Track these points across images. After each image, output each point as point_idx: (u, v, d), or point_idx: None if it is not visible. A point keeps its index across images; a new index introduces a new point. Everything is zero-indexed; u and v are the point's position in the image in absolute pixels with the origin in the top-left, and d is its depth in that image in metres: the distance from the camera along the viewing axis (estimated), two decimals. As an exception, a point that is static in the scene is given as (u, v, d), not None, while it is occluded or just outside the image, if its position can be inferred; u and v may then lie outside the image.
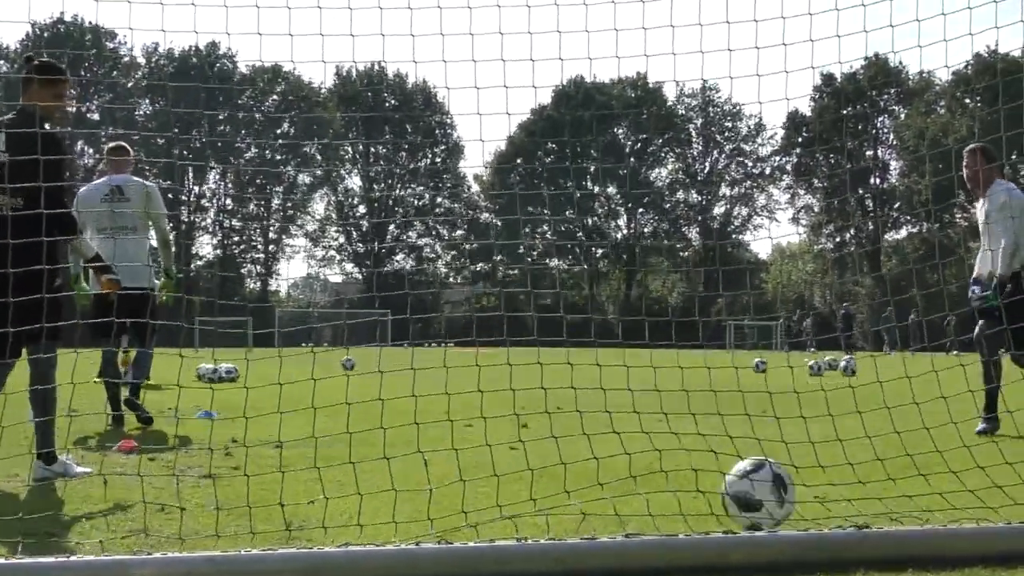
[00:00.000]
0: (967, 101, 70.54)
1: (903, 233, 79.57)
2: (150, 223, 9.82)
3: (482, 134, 8.30)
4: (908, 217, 77.41)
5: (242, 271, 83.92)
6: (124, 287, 8.76)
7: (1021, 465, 5.65)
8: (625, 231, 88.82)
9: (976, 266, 9.61)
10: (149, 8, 5.54)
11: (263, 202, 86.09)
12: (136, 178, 9.82)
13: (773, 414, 5.82)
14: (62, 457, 6.45)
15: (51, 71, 6.53)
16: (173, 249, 10.21)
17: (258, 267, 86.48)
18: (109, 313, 8.31)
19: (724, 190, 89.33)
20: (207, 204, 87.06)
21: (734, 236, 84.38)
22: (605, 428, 5.54)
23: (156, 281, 9.84)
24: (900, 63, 74.03)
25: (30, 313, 5.75)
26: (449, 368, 5.38)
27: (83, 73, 77.28)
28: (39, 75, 6.45)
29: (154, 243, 10.15)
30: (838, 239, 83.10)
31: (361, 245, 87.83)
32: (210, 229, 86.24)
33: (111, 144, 10.07)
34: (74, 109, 75.36)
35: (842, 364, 22.48)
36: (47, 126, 6.30)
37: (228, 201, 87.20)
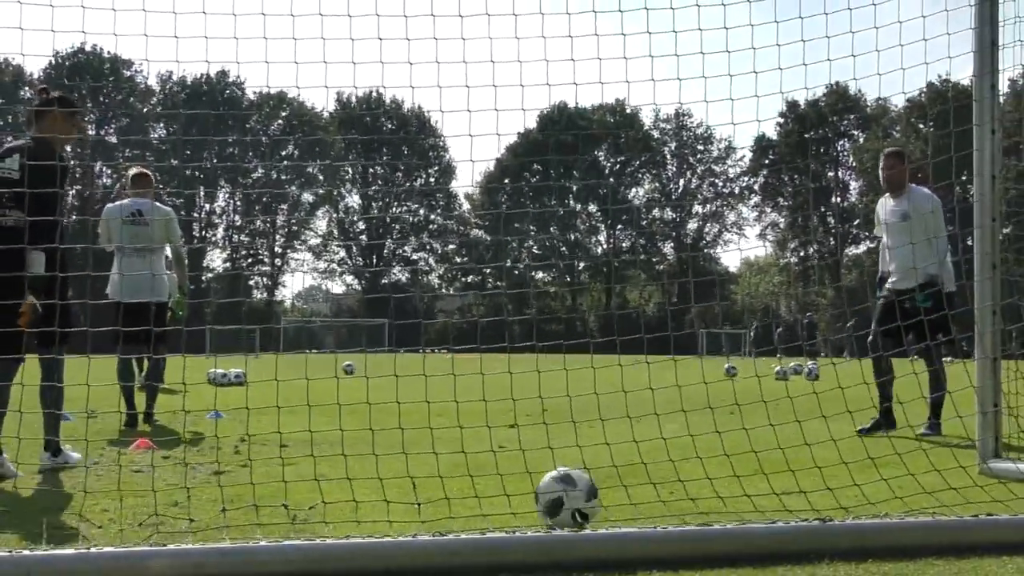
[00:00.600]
0: (920, 126, 70.84)
1: (862, 248, 79.96)
2: (167, 244, 9.89)
3: (472, 155, 8.42)
4: (867, 233, 77.78)
5: (249, 283, 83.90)
6: (138, 301, 9.06)
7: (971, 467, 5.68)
8: (605, 246, 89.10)
9: (881, 266, 9.53)
10: (164, 39, 5.54)
11: (269, 218, 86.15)
12: (157, 204, 9.92)
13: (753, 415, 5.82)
14: (64, 448, 6.57)
15: (65, 105, 6.65)
16: (186, 266, 10.27)
17: (264, 279, 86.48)
18: (130, 323, 8.49)
19: (696, 208, 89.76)
20: (217, 221, 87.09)
21: (706, 250, 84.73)
22: (589, 428, 5.55)
23: (174, 295, 9.94)
24: (859, 91, 74.45)
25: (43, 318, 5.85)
26: (443, 374, 5.38)
27: (102, 99, 77.22)
28: (53, 107, 6.58)
29: (169, 254, 10.19)
30: (802, 253, 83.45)
31: (360, 259, 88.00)
32: (220, 244, 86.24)
33: (135, 171, 10.11)
34: (92, 133, 75.41)
35: (807, 369, 22.53)
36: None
37: (237, 218, 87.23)
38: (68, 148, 6.91)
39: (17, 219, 6.09)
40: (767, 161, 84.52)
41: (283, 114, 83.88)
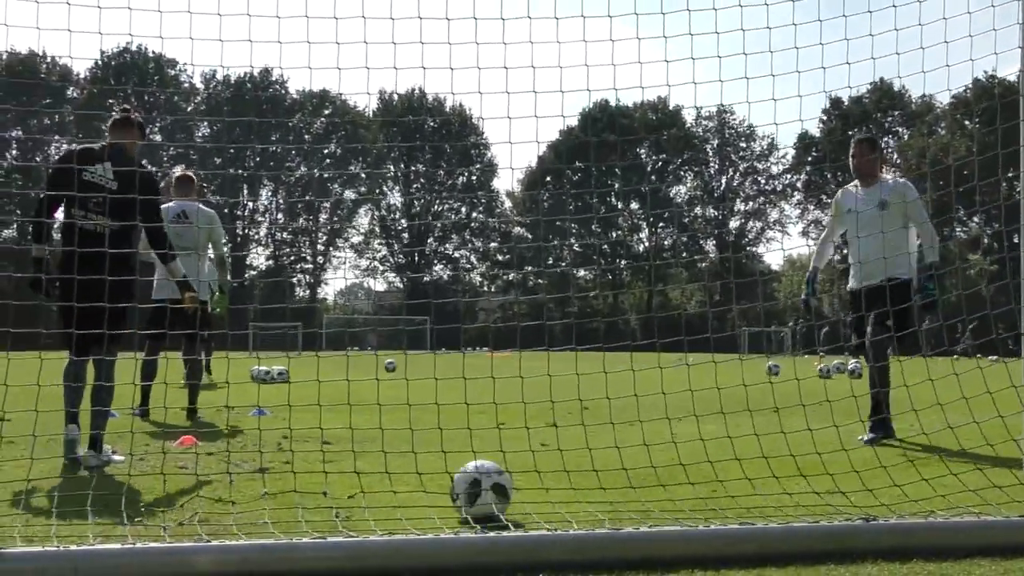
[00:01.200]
0: (966, 123, 70.07)
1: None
2: (210, 244, 10.02)
3: (512, 162, 8.46)
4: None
5: (292, 280, 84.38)
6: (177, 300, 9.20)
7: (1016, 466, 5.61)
8: (647, 244, 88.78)
9: (815, 261, 9.23)
10: (209, 41, 5.58)
11: (312, 217, 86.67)
12: (201, 205, 10.06)
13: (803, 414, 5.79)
14: (105, 447, 6.67)
15: (142, 128, 7.29)
16: (229, 266, 10.39)
17: (307, 276, 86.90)
18: (163, 322, 9.05)
19: (739, 206, 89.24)
20: (260, 218, 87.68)
21: (748, 248, 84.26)
22: (629, 428, 5.53)
23: (212, 295, 9.99)
24: (904, 87, 73.85)
25: (102, 320, 6.15)
26: (482, 375, 5.39)
27: (146, 98, 77.86)
28: (137, 123, 7.15)
29: (211, 254, 10.28)
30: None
31: (402, 256, 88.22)
32: (263, 242, 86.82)
33: (179, 173, 10.24)
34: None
35: (849, 368, 22.33)
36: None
37: (280, 215, 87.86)
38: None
39: (108, 224, 6.60)
40: (810, 158, 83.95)
41: (326, 112, 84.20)
